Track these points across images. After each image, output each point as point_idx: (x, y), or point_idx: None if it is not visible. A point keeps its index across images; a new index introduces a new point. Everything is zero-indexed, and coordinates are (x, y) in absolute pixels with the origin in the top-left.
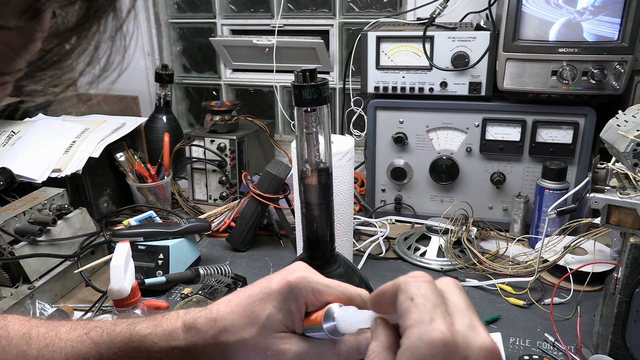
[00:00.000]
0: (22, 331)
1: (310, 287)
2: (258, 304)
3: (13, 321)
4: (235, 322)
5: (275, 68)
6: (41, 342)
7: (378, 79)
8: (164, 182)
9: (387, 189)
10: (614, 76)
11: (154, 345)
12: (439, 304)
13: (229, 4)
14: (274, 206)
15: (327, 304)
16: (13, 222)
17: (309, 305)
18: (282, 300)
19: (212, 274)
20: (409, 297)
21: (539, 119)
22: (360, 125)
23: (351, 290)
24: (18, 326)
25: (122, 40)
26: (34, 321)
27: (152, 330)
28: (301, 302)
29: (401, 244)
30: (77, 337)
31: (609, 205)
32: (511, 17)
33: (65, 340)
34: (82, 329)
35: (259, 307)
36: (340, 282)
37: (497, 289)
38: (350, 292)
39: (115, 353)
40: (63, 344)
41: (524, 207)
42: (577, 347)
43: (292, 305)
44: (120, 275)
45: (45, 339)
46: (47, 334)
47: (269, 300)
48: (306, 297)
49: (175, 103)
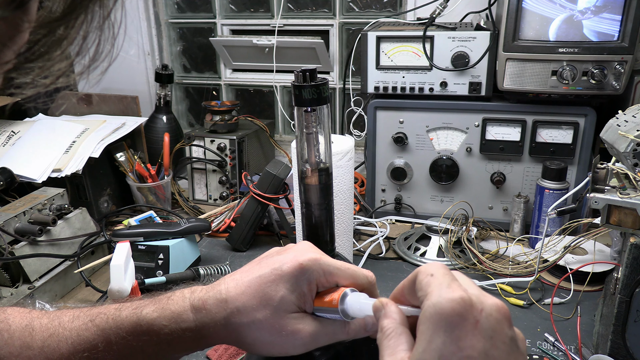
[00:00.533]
0: (23, 323)
1: (322, 269)
2: (270, 286)
3: (13, 314)
4: (248, 304)
5: (275, 68)
6: (45, 332)
7: (378, 79)
8: (164, 182)
9: (387, 189)
10: (614, 76)
11: (164, 327)
12: (454, 278)
13: (229, 4)
14: (274, 206)
15: (336, 286)
16: (13, 222)
17: (319, 286)
18: (295, 282)
19: (212, 274)
20: (428, 274)
21: (539, 119)
22: (360, 125)
23: (358, 272)
24: (19, 319)
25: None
26: (34, 312)
27: (160, 314)
28: (313, 284)
29: (401, 244)
30: (82, 325)
31: (609, 205)
32: (511, 17)
33: (70, 330)
34: (85, 317)
35: (272, 289)
36: (350, 265)
37: (497, 289)
38: (358, 274)
39: (124, 337)
40: (68, 333)
41: (524, 207)
42: (577, 347)
43: (305, 287)
44: (120, 275)
45: (48, 329)
46: (50, 324)
47: (281, 282)
48: (317, 279)
49: (175, 103)
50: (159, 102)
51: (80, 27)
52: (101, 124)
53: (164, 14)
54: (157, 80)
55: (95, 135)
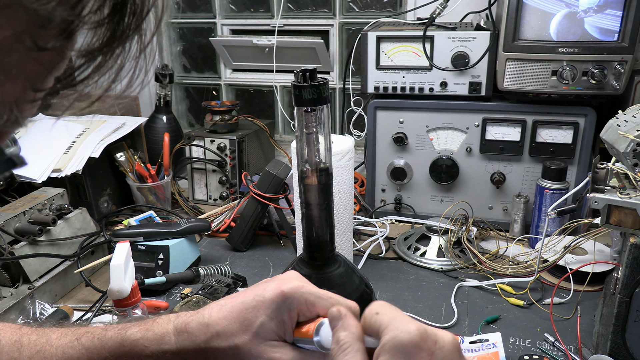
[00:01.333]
0: (13, 339)
1: (304, 298)
2: (251, 312)
3: (4, 329)
4: (228, 328)
5: (275, 68)
6: (32, 349)
7: (378, 79)
8: (164, 182)
9: (387, 189)
10: (614, 76)
11: (145, 349)
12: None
13: (229, 4)
14: (274, 206)
15: (318, 316)
16: (13, 222)
17: (300, 316)
18: (276, 309)
19: (212, 274)
20: (374, 312)
21: (539, 119)
22: (360, 125)
23: (341, 302)
24: (9, 334)
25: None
26: (25, 329)
27: (144, 335)
28: (293, 312)
29: (401, 244)
30: (68, 343)
31: (609, 205)
32: (511, 17)
33: (56, 347)
34: (72, 335)
35: (252, 315)
36: (333, 294)
37: (497, 289)
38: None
39: (106, 358)
40: (54, 350)
41: (524, 207)
42: (577, 347)
43: (285, 315)
44: (120, 275)
45: (36, 346)
46: (38, 341)
47: (262, 309)
48: (299, 307)
49: (175, 103)
50: (159, 102)
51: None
52: (101, 124)
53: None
54: (157, 80)
55: (95, 135)
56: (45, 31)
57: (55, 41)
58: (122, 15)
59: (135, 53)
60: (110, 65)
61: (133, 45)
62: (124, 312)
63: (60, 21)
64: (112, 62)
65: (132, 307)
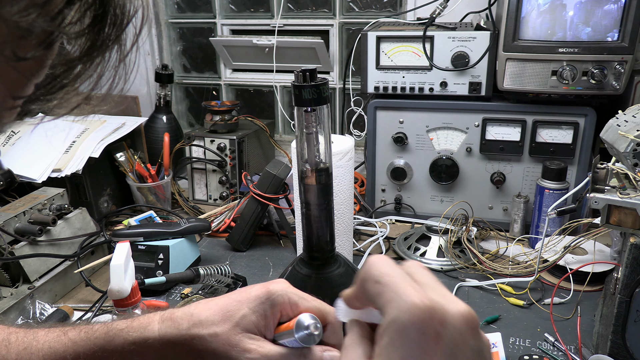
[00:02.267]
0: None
1: (288, 296)
2: (235, 304)
3: None
4: (210, 318)
5: (275, 68)
6: (20, 346)
7: (378, 79)
8: (164, 182)
9: (387, 189)
10: (614, 76)
11: (129, 336)
12: (403, 275)
13: (229, 4)
14: (274, 206)
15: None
16: (13, 222)
17: (283, 315)
18: (259, 304)
19: (212, 274)
20: (373, 281)
21: (539, 119)
22: (360, 125)
23: (325, 307)
24: None
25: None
26: (13, 328)
27: (129, 324)
28: (276, 309)
29: (401, 244)
30: (55, 337)
31: (609, 205)
32: (511, 17)
33: (43, 342)
34: (60, 330)
35: (235, 307)
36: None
37: (497, 289)
38: (325, 309)
39: (92, 350)
40: (41, 345)
41: (524, 207)
42: (577, 347)
43: (268, 310)
44: (120, 275)
45: (23, 343)
46: (26, 338)
47: (245, 302)
48: (282, 305)
49: (175, 103)
50: (159, 102)
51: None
52: (101, 124)
53: (164, 14)
54: (157, 80)
55: (95, 135)
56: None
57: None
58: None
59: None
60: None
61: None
62: (124, 312)
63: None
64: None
65: (132, 307)
